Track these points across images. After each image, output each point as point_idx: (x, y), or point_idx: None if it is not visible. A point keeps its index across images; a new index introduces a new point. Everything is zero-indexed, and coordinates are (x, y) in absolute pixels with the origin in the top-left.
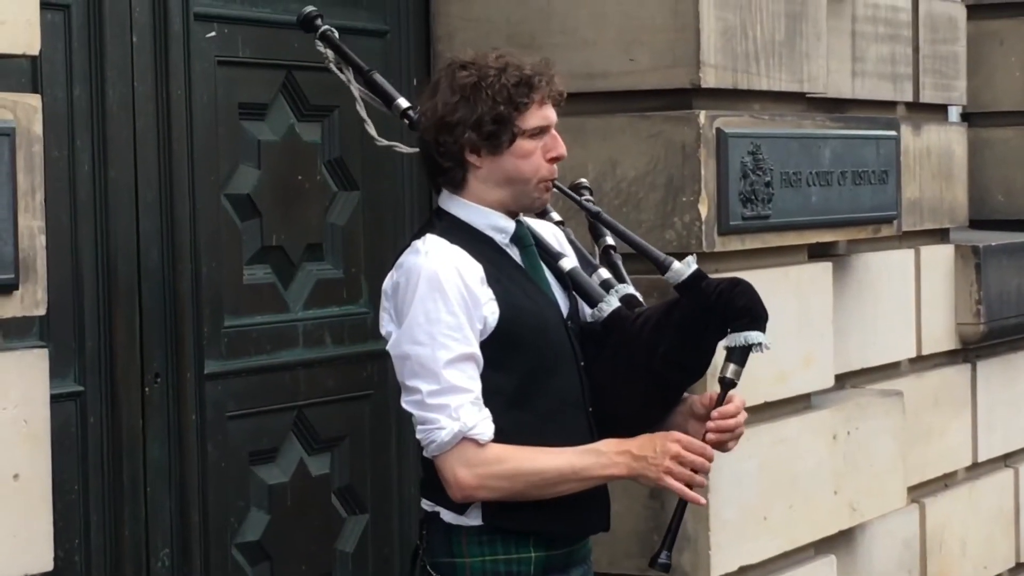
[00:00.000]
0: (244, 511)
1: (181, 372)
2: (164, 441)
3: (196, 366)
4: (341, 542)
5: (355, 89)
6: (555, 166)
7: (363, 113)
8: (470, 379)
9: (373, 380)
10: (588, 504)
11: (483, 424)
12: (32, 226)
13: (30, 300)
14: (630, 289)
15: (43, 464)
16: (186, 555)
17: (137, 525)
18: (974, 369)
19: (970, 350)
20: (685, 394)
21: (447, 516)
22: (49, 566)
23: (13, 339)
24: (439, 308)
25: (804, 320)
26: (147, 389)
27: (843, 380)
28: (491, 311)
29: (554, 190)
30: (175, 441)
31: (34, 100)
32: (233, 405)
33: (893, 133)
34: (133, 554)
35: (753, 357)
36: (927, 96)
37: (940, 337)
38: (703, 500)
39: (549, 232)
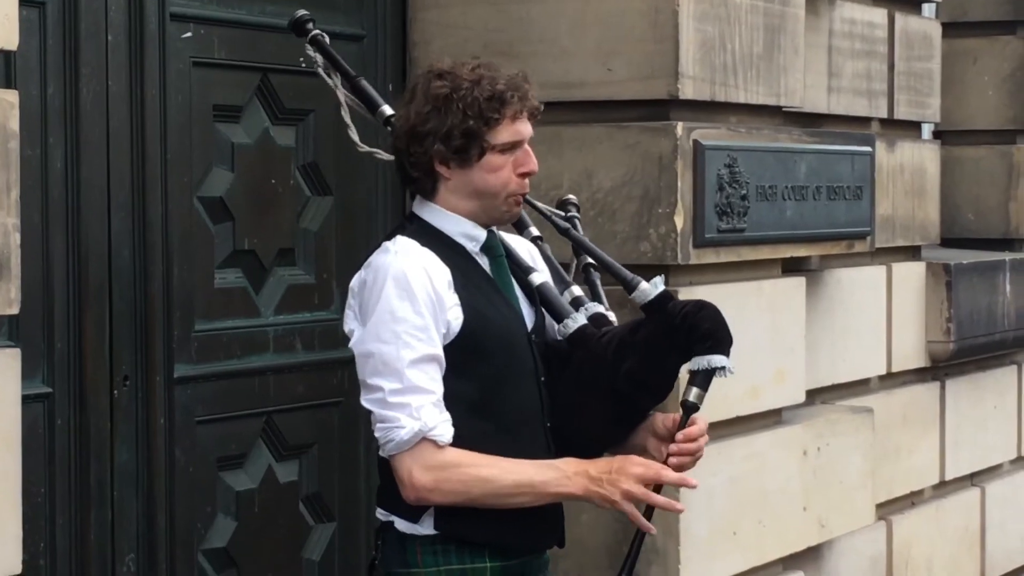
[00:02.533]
0: (211, 517)
1: (150, 375)
2: (132, 445)
3: (165, 370)
4: (308, 550)
5: (341, 94)
6: (526, 181)
7: (347, 118)
8: (432, 380)
9: (343, 387)
10: (542, 519)
11: (443, 426)
12: (7, 223)
13: (3, 299)
14: (601, 308)
15: (13, 465)
16: (152, 560)
17: (103, 529)
18: (943, 387)
19: (939, 368)
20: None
21: (401, 525)
22: (17, 569)
23: None
24: (406, 307)
25: (776, 335)
26: (116, 392)
27: (813, 396)
28: (455, 316)
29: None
30: (143, 445)
31: (11, 96)
32: (202, 410)
33: (868, 149)
34: (99, 558)
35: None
36: (901, 113)
37: (910, 354)
38: (654, 529)
39: (524, 247)
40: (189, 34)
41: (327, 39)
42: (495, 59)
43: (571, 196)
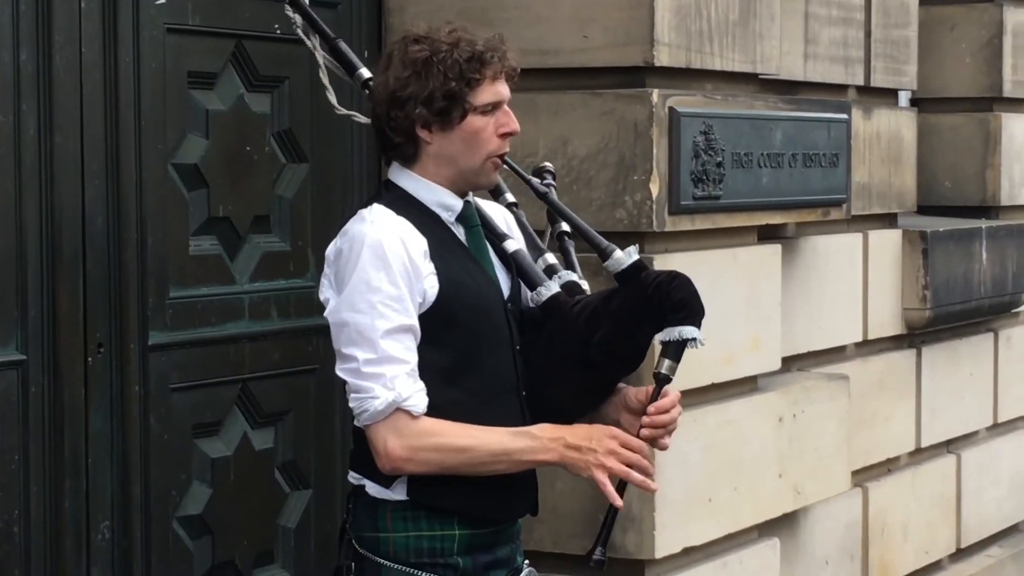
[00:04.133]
0: (186, 484)
1: (125, 343)
2: (107, 412)
3: (140, 337)
4: (283, 517)
5: (319, 56)
6: (506, 142)
7: (325, 80)
8: (407, 350)
9: (319, 354)
10: (515, 487)
11: (417, 396)
12: None
13: None
14: (574, 277)
15: None
16: (127, 528)
17: (78, 497)
18: (919, 355)
19: (915, 335)
20: (620, 385)
21: (372, 489)
22: None
23: None
24: (381, 277)
25: (752, 302)
26: (90, 359)
27: (789, 363)
28: (431, 285)
29: (504, 167)
30: (117, 412)
31: None
32: (177, 377)
33: (844, 116)
34: (73, 526)
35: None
36: (878, 80)
37: (886, 322)
38: (620, 503)
39: (499, 214)
40: (163, 0)
41: (307, 0)
42: (472, 26)
43: (547, 164)
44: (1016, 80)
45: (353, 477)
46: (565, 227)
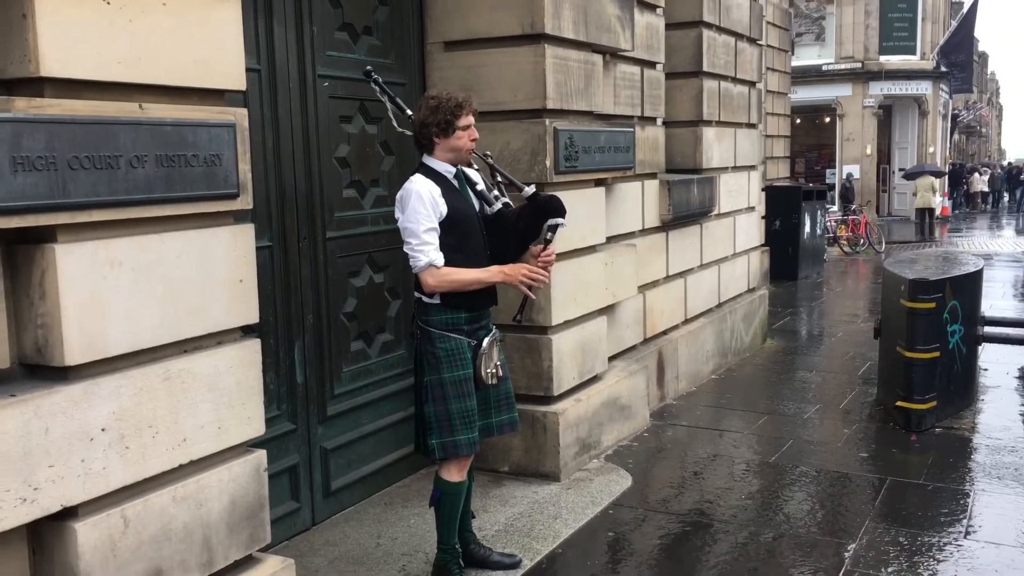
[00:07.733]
0: (345, 298)
1: (315, 236)
2: (309, 267)
3: (322, 233)
4: (389, 311)
5: (389, 105)
6: (474, 143)
7: (391, 116)
8: (434, 238)
9: (398, 241)
10: (486, 294)
11: (439, 258)
12: (245, 168)
13: (245, 201)
14: (507, 199)
15: (252, 276)
16: (319, 316)
17: (296, 306)
18: (667, 234)
19: (665, 226)
20: (530, 246)
21: (425, 299)
22: (255, 318)
23: (239, 221)
24: (421, 206)
25: (591, 212)
26: (300, 244)
27: (610, 239)
28: (443, 207)
29: (474, 154)
30: (314, 266)
31: (244, 111)
32: (340, 252)
33: (632, 130)
34: (296, 320)
35: (564, 230)
36: (648, 112)
37: (652, 219)
38: (534, 296)
39: (474, 173)
40: (327, 83)
41: (381, 79)
42: (462, 91)
43: (488, 151)
44: (708, 112)
45: (416, 294)
46: (500, 179)
